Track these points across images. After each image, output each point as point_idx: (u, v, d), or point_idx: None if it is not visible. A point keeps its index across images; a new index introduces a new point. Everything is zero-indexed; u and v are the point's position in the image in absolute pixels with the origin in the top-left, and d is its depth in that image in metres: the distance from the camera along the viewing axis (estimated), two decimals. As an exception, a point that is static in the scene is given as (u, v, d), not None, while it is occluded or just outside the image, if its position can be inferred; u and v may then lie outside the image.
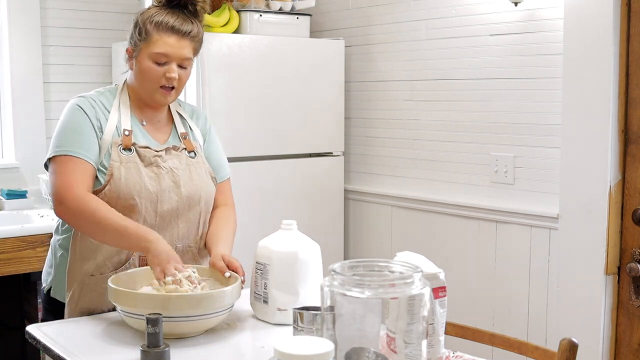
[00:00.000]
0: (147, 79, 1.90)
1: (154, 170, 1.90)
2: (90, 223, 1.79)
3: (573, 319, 2.64)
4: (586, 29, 2.53)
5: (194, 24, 1.92)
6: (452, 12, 3.04)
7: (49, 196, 3.20)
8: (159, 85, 1.90)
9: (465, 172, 3.05)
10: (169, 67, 1.89)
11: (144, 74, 1.90)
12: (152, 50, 1.88)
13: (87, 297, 1.88)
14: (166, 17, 1.89)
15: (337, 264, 1.34)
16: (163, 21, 1.88)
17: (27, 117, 3.37)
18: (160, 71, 1.89)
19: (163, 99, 1.93)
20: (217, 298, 1.67)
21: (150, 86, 1.91)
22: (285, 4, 3.35)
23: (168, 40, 1.88)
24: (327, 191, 3.48)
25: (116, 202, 1.84)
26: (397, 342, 1.30)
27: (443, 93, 3.11)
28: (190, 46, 1.92)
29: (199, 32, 1.94)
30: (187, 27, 1.90)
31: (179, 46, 1.89)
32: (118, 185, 1.84)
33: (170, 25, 1.88)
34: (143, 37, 1.89)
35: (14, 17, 3.30)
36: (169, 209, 1.91)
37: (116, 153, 1.86)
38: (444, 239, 3.13)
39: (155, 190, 1.88)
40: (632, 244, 2.53)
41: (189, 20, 1.92)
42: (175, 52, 1.88)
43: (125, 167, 1.86)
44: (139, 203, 1.86)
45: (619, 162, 2.54)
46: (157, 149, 1.93)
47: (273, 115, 3.26)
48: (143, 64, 1.90)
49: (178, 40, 1.89)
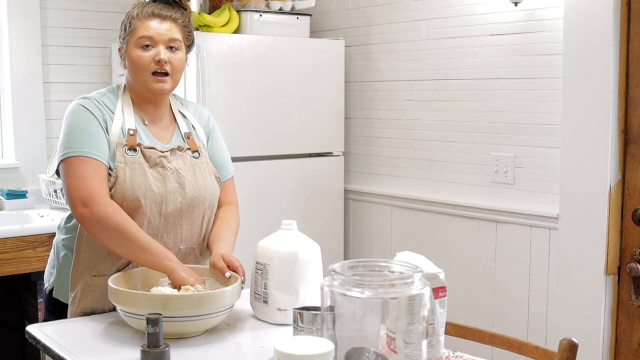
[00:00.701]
0: (138, 67, 1.89)
1: (160, 171, 1.88)
2: (114, 235, 1.78)
3: (573, 319, 2.64)
4: (586, 29, 2.53)
5: (175, 9, 1.94)
6: (452, 12, 3.04)
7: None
8: (150, 71, 1.88)
9: (465, 172, 3.05)
10: (157, 50, 1.88)
11: (134, 64, 1.90)
12: (136, 36, 1.89)
13: (89, 298, 1.88)
14: (147, 7, 1.92)
15: (337, 264, 1.34)
16: (144, 9, 1.91)
17: (27, 117, 3.37)
18: (148, 56, 1.88)
19: (159, 86, 1.90)
20: (217, 298, 1.67)
21: (142, 75, 1.89)
22: (285, 4, 3.35)
23: (150, 24, 1.89)
24: (327, 191, 3.48)
25: (121, 203, 1.82)
26: (397, 342, 1.31)
27: (443, 93, 3.11)
28: (175, 28, 1.92)
29: (182, 16, 1.94)
30: (167, 11, 1.92)
31: (162, 28, 1.89)
32: (123, 187, 1.83)
33: (151, 11, 1.91)
34: (128, 31, 1.91)
35: (14, 17, 3.30)
36: (173, 210, 1.89)
37: (121, 154, 1.85)
38: (444, 239, 3.13)
39: (160, 191, 1.86)
40: (632, 244, 2.53)
41: (171, 7, 1.94)
42: (159, 33, 1.89)
43: (130, 168, 1.84)
44: (144, 205, 1.84)
45: (619, 162, 2.54)
46: (162, 149, 1.91)
47: (273, 115, 3.26)
48: (132, 54, 1.90)
49: (160, 22, 1.90)
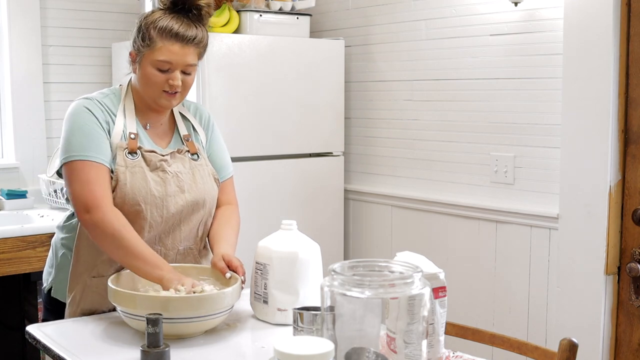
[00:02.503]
0: (150, 85, 1.87)
1: (160, 174, 1.88)
2: (111, 242, 1.78)
3: (573, 319, 2.63)
4: (586, 29, 2.53)
5: (198, 28, 1.88)
6: (452, 12, 3.04)
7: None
8: (162, 90, 1.87)
9: (465, 172, 3.05)
10: (173, 75, 1.85)
11: (146, 80, 1.87)
12: (156, 58, 1.84)
13: (88, 299, 1.88)
14: (170, 22, 1.84)
15: (337, 264, 1.34)
16: (167, 27, 1.84)
17: (27, 117, 3.37)
18: (163, 78, 1.85)
19: (167, 102, 1.90)
20: (217, 299, 1.67)
21: (153, 92, 1.88)
22: (285, 4, 3.35)
23: (172, 48, 1.84)
24: (327, 191, 3.48)
25: (122, 207, 1.82)
26: (397, 342, 1.31)
27: (443, 93, 3.11)
28: (195, 52, 1.88)
29: (203, 37, 1.89)
30: (191, 32, 1.85)
31: (182, 53, 1.85)
32: (124, 191, 1.83)
33: (175, 32, 1.83)
34: (146, 44, 1.85)
35: (14, 17, 3.30)
36: (174, 213, 1.90)
37: (121, 157, 1.84)
38: (444, 239, 3.13)
39: (160, 195, 1.87)
40: (632, 244, 2.53)
41: (193, 26, 1.87)
42: (179, 59, 1.85)
43: (131, 172, 1.84)
44: (145, 209, 1.85)
45: (619, 162, 2.54)
46: (162, 153, 1.91)
47: (273, 115, 3.26)
48: (146, 70, 1.86)
49: (182, 47, 1.84)
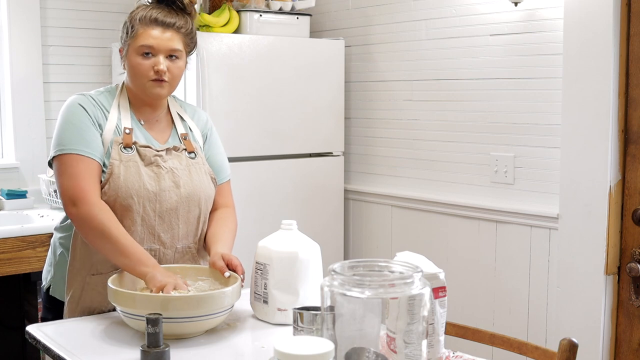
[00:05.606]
0: (137, 73, 1.90)
1: (154, 169, 1.90)
2: (97, 236, 1.79)
3: (573, 319, 2.63)
4: (586, 29, 2.53)
5: (179, 16, 1.92)
6: (452, 12, 3.04)
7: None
8: (149, 79, 1.89)
9: (465, 172, 3.05)
10: (156, 60, 1.88)
11: (133, 70, 1.90)
12: (138, 44, 1.88)
13: (87, 297, 1.89)
14: (151, 11, 1.90)
15: (337, 264, 1.34)
16: (147, 15, 1.89)
17: (27, 117, 3.37)
18: (148, 64, 1.88)
19: (156, 91, 1.91)
20: (217, 299, 1.67)
21: (141, 81, 1.90)
22: (285, 4, 3.35)
23: (152, 32, 1.88)
24: (327, 191, 3.48)
25: (115, 200, 1.84)
26: (397, 342, 1.30)
27: (443, 93, 3.11)
28: (177, 38, 1.91)
29: (186, 24, 1.93)
30: (171, 19, 1.90)
31: (163, 37, 1.88)
32: (117, 184, 1.84)
33: (154, 17, 1.89)
34: (130, 34, 1.90)
35: (14, 17, 3.30)
36: (168, 209, 1.90)
37: (116, 151, 1.86)
38: (444, 239, 3.13)
39: (154, 190, 1.88)
40: (632, 244, 2.53)
41: (175, 13, 1.92)
42: (160, 43, 1.88)
43: (125, 166, 1.86)
44: (137, 202, 1.86)
45: (619, 162, 2.54)
46: (157, 148, 1.93)
47: (273, 115, 3.26)
48: (132, 60, 1.90)
49: (162, 31, 1.88)
